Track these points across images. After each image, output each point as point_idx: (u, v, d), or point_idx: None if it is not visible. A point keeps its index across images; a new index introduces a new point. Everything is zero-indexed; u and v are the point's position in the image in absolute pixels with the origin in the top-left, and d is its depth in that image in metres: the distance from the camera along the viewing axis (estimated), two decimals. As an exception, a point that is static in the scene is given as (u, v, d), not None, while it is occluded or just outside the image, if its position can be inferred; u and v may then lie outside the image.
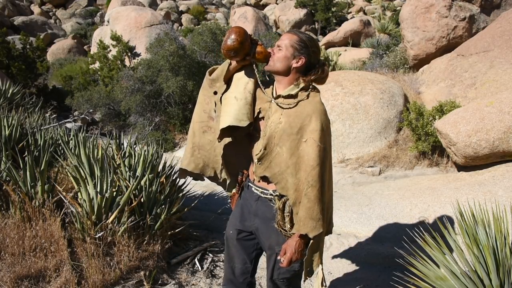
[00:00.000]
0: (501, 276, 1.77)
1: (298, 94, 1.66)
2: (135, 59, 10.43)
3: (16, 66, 10.61)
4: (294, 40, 1.66)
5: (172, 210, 2.98)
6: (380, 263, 3.04)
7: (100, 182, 2.64)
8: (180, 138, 7.67)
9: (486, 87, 5.05)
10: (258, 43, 1.71)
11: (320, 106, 1.64)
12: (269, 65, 1.70)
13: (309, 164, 1.58)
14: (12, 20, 20.87)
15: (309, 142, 1.58)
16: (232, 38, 1.62)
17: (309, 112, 1.61)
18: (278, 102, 1.68)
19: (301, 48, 1.66)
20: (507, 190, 3.41)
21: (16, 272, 2.29)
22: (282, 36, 1.71)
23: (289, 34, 1.69)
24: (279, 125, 1.63)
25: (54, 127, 4.57)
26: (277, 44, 1.70)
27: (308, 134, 1.59)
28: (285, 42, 1.68)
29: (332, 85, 6.11)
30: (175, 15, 23.94)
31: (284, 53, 1.66)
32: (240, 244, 1.87)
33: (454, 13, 6.62)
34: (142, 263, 2.61)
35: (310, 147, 1.58)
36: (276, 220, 1.71)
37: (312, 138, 1.58)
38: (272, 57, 1.69)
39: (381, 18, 18.31)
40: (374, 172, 4.93)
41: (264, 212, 1.76)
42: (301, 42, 1.66)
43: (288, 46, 1.67)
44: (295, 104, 1.65)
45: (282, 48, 1.67)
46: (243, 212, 1.86)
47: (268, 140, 1.66)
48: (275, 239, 1.74)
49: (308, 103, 1.64)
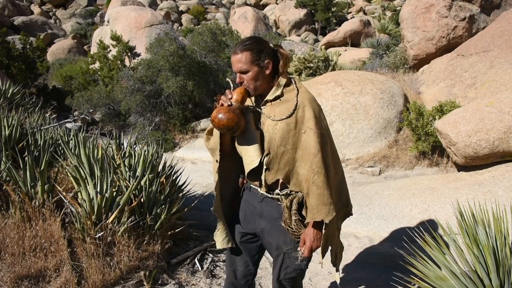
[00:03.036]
0: (501, 276, 1.77)
1: (283, 92, 1.68)
2: (135, 59, 10.44)
3: (16, 66, 10.61)
4: (247, 57, 1.62)
5: (172, 210, 2.98)
6: (380, 263, 3.04)
7: (100, 182, 2.64)
8: (180, 138, 7.67)
9: (486, 87, 5.05)
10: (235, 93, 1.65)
11: (307, 95, 1.68)
12: (253, 93, 1.68)
13: (310, 153, 1.61)
14: (12, 20, 20.87)
15: (308, 132, 1.62)
16: (226, 120, 1.57)
17: (300, 104, 1.64)
18: (268, 108, 1.69)
19: (258, 56, 1.63)
20: (507, 190, 3.41)
21: (16, 272, 2.29)
22: (234, 61, 1.64)
23: (237, 56, 1.63)
24: (276, 127, 1.65)
25: (54, 127, 4.57)
26: (237, 70, 1.65)
27: (305, 125, 1.63)
28: (242, 65, 1.62)
29: (332, 85, 6.11)
30: (175, 15, 23.95)
31: (251, 74, 1.63)
32: (243, 247, 1.88)
33: (454, 13, 6.62)
34: (142, 263, 2.61)
35: (308, 136, 1.62)
36: (283, 218, 1.71)
37: (309, 127, 1.62)
38: (248, 85, 1.65)
39: (381, 18, 18.31)
40: (374, 172, 4.93)
41: (270, 212, 1.76)
42: (252, 52, 1.62)
43: (249, 65, 1.62)
44: (284, 102, 1.67)
45: (246, 70, 1.63)
46: (245, 215, 1.86)
47: (269, 144, 1.67)
48: (283, 238, 1.74)
49: (293, 97, 1.67)
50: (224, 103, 1.62)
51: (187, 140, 7.56)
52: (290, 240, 1.72)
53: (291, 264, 1.75)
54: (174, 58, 7.50)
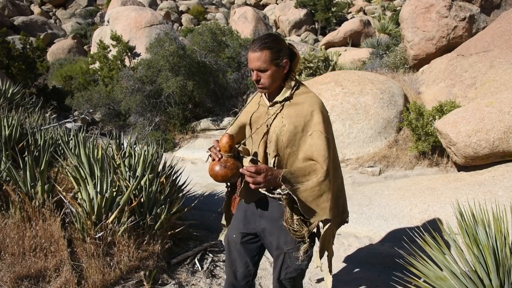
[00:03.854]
0: (501, 276, 1.77)
1: (292, 95, 1.69)
2: (135, 59, 10.44)
3: (16, 66, 10.62)
4: (267, 55, 1.60)
5: (172, 210, 2.98)
6: (380, 263, 3.04)
7: (100, 182, 2.64)
8: (180, 138, 7.67)
9: (486, 87, 5.05)
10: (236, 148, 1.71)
11: (316, 100, 1.69)
12: (265, 90, 1.68)
13: (320, 155, 1.61)
14: (12, 20, 20.88)
15: (316, 134, 1.62)
16: (221, 173, 1.61)
17: (309, 108, 1.65)
18: (276, 108, 1.70)
19: (277, 55, 1.63)
20: (507, 190, 3.41)
21: (16, 272, 2.29)
22: (253, 59, 1.62)
23: (257, 54, 1.60)
24: (283, 128, 1.66)
25: (54, 127, 4.58)
26: (255, 68, 1.63)
27: (312, 128, 1.63)
28: (262, 64, 1.61)
29: (332, 85, 6.11)
30: (175, 15, 23.95)
31: (270, 73, 1.63)
32: (244, 247, 1.88)
33: (454, 13, 6.62)
34: (142, 263, 2.61)
35: (318, 138, 1.62)
36: (284, 218, 1.71)
37: (319, 130, 1.62)
38: (264, 84, 1.65)
39: (381, 18, 18.31)
40: (374, 172, 4.93)
41: (271, 212, 1.76)
42: (272, 51, 1.61)
43: (267, 64, 1.61)
44: (293, 105, 1.68)
45: (265, 69, 1.62)
46: (246, 215, 1.86)
47: (276, 145, 1.68)
48: (284, 238, 1.74)
49: (304, 100, 1.67)
50: (216, 158, 1.64)
51: (187, 140, 7.56)
52: (291, 240, 1.73)
53: (292, 264, 1.75)
54: (174, 58, 7.50)
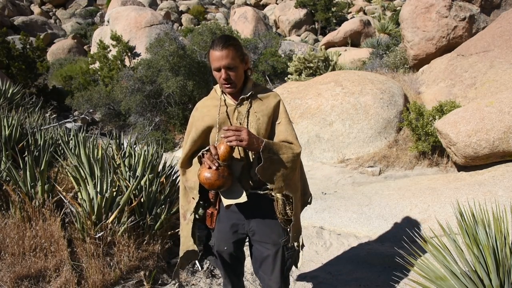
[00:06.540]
0: (501, 276, 1.77)
1: (253, 90, 1.75)
2: (135, 59, 10.44)
3: (16, 66, 10.62)
4: (234, 53, 1.60)
5: (172, 210, 2.98)
6: (380, 263, 3.04)
7: (100, 182, 2.64)
8: (180, 138, 7.67)
9: (486, 87, 5.05)
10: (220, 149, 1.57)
11: (275, 93, 1.83)
12: (234, 89, 1.68)
13: (294, 138, 1.74)
14: (12, 20, 20.89)
15: (284, 121, 1.77)
16: (214, 180, 1.53)
17: (274, 100, 1.78)
18: (246, 105, 1.73)
19: (241, 53, 1.66)
20: (507, 190, 3.41)
21: (16, 272, 2.29)
22: (220, 57, 1.58)
23: (223, 52, 1.58)
24: (259, 121, 1.72)
25: (54, 127, 4.58)
26: (224, 66, 1.60)
27: (280, 116, 1.78)
28: (231, 61, 1.60)
29: (332, 85, 6.11)
30: (175, 15, 23.96)
31: (238, 69, 1.64)
32: (236, 257, 1.92)
33: (454, 13, 6.62)
34: (142, 263, 2.61)
35: (288, 124, 1.76)
36: (277, 210, 1.73)
37: (286, 117, 1.78)
38: (233, 80, 1.64)
39: (381, 18, 18.31)
40: (374, 172, 4.93)
41: (260, 209, 1.77)
42: (236, 48, 1.61)
43: (236, 61, 1.61)
44: (259, 99, 1.75)
45: (234, 66, 1.62)
46: (232, 224, 1.84)
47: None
48: (277, 231, 1.78)
49: (266, 93, 1.79)
50: (212, 166, 1.55)
51: (187, 140, 7.55)
52: (283, 231, 1.78)
53: (288, 254, 1.82)
54: (174, 58, 7.51)
